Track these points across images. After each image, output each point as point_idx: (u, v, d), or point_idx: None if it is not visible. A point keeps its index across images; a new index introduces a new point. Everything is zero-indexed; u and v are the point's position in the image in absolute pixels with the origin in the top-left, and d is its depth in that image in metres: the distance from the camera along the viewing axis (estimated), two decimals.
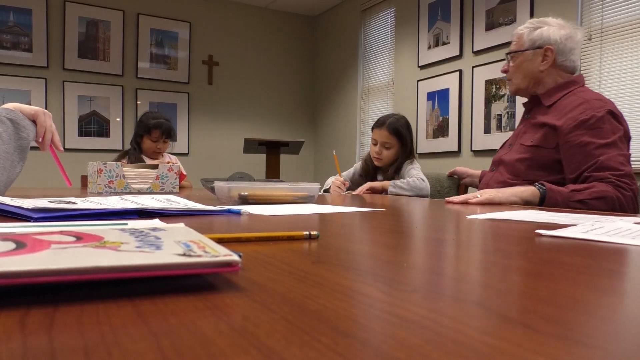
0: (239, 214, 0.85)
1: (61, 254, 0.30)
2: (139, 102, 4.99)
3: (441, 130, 4.16)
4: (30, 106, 1.19)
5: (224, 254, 0.31)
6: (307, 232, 0.54)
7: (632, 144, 2.77)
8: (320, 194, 1.77)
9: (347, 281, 0.34)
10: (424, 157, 4.26)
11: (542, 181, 1.32)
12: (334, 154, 2.19)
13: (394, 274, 0.37)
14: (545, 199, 1.27)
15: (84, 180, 2.56)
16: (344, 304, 0.28)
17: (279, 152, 3.61)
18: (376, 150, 2.17)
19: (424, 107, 4.34)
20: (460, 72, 3.97)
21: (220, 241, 0.40)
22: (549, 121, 1.44)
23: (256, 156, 4.23)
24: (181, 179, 2.30)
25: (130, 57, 4.97)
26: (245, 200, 1.14)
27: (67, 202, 0.80)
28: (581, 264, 0.43)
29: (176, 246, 0.34)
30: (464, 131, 3.96)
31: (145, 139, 2.58)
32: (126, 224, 0.55)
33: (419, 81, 4.38)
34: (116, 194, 1.53)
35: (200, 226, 0.65)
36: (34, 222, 0.63)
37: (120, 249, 0.32)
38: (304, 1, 5.53)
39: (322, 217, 0.85)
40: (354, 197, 1.66)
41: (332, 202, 1.34)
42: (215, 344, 0.21)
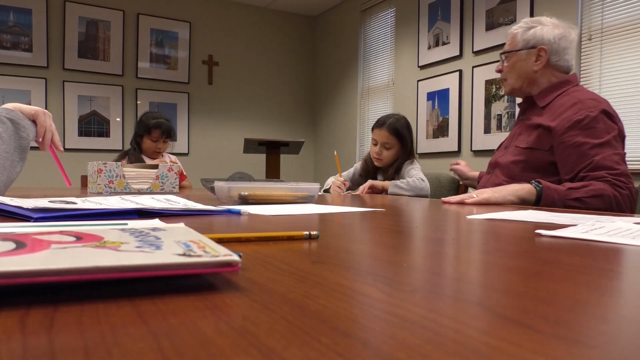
0: (239, 214, 0.85)
1: (61, 254, 0.30)
2: (139, 102, 4.99)
3: (441, 130, 4.16)
4: (30, 106, 1.19)
5: (224, 254, 0.31)
6: (307, 232, 0.54)
7: (633, 143, 2.78)
8: (320, 194, 1.77)
9: (347, 281, 0.34)
10: (424, 157, 4.26)
11: (538, 179, 1.31)
12: (335, 154, 2.19)
13: (394, 274, 0.37)
14: (541, 196, 1.27)
15: (84, 180, 2.56)
16: (344, 304, 0.28)
17: (279, 152, 3.61)
18: (376, 150, 2.17)
19: (424, 107, 4.34)
20: (460, 72, 3.97)
21: (220, 241, 0.40)
22: (543, 122, 1.43)
23: (256, 156, 4.23)
24: (181, 179, 2.30)
25: (130, 57, 4.97)
26: (245, 200, 1.14)
27: (67, 202, 0.80)
28: (581, 264, 0.43)
29: (176, 246, 0.34)
30: (464, 131, 3.96)
31: (145, 139, 2.58)
32: (126, 224, 0.55)
33: (419, 81, 4.38)
34: (116, 194, 1.53)
35: (200, 226, 0.65)
36: (34, 222, 0.63)
37: (120, 249, 0.32)
38: (304, 1, 5.53)
39: (322, 217, 0.85)
40: (354, 197, 1.66)
41: (332, 202, 1.34)
42: (215, 344, 0.21)
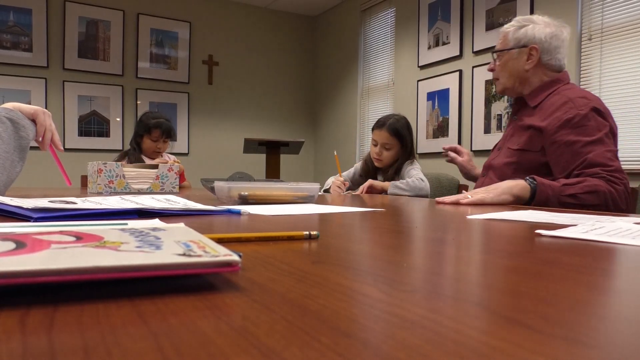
0: (239, 214, 0.85)
1: (61, 254, 0.30)
2: (139, 102, 4.99)
3: (441, 130, 4.16)
4: (29, 105, 1.19)
5: (224, 254, 0.31)
6: (307, 232, 0.54)
7: (633, 143, 2.78)
8: (320, 194, 1.77)
9: (347, 281, 0.34)
10: (424, 157, 4.26)
11: (533, 175, 1.31)
12: (335, 154, 2.19)
13: (394, 274, 0.37)
14: (536, 193, 1.26)
15: (84, 180, 2.56)
16: (344, 304, 0.28)
17: (279, 152, 3.61)
18: (376, 151, 2.17)
19: (424, 107, 4.34)
20: (460, 72, 3.96)
21: (220, 241, 0.40)
22: (534, 123, 1.43)
23: (256, 156, 4.22)
24: (181, 180, 2.30)
25: (130, 57, 4.97)
26: (245, 200, 1.14)
27: (67, 202, 0.80)
28: (581, 264, 0.43)
29: (176, 246, 0.34)
30: (464, 131, 3.96)
31: (145, 139, 2.58)
32: (126, 224, 0.55)
33: (419, 81, 4.38)
34: (116, 194, 1.53)
35: (200, 226, 0.65)
36: (34, 222, 0.63)
37: (120, 249, 0.32)
38: (304, 1, 5.53)
39: (322, 217, 0.85)
40: (353, 197, 1.66)
41: (332, 202, 1.34)
42: (215, 343, 0.21)
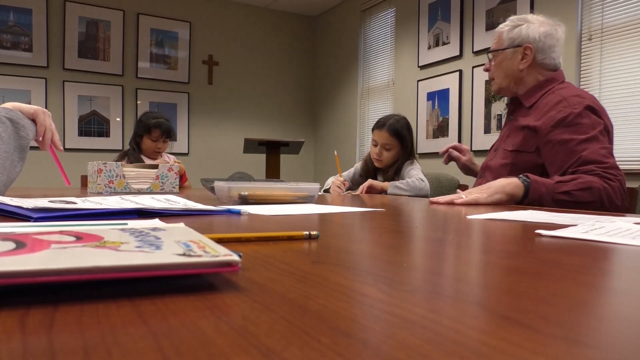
0: (239, 214, 0.85)
1: (61, 253, 0.30)
2: (139, 102, 5.00)
3: (441, 130, 4.16)
4: (29, 105, 1.19)
5: (224, 254, 0.31)
6: (307, 232, 0.54)
7: (633, 143, 2.78)
8: (320, 194, 1.77)
9: (347, 281, 0.34)
10: (424, 157, 4.26)
11: (526, 173, 1.30)
12: (335, 154, 2.19)
13: (394, 274, 0.37)
14: (529, 191, 1.25)
15: (84, 180, 2.56)
16: (344, 304, 0.28)
17: (279, 152, 3.61)
18: (376, 151, 2.17)
19: (424, 107, 4.34)
20: (460, 72, 3.97)
21: (220, 241, 0.40)
22: (529, 123, 1.43)
23: (256, 156, 4.22)
24: (183, 181, 2.29)
25: (130, 57, 4.97)
26: (245, 200, 1.14)
27: (67, 202, 0.80)
28: (581, 264, 0.43)
29: (176, 246, 0.34)
30: (464, 131, 3.96)
31: (145, 139, 2.58)
32: (126, 224, 0.55)
33: (419, 81, 4.38)
34: (116, 193, 1.53)
35: (200, 226, 0.65)
36: (33, 221, 0.63)
37: (120, 249, 0.32)
38: (304, 1, 5.53)
39: (322, 217, 0.85)
40: (353, 197, 1.66)
41: (332, 202, 1.34)
42: (215, 343, 0.21)
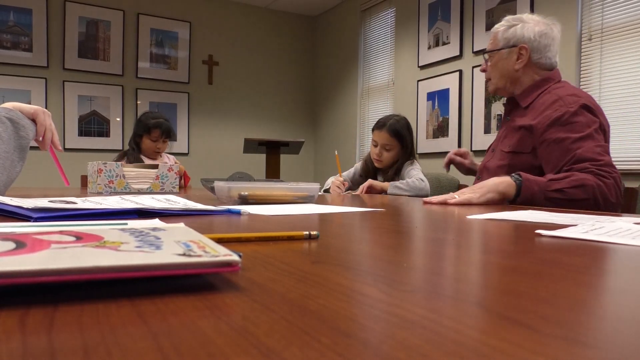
0: (239, 214, 0.85)
1: (61, 253, 0.30)
2: (139, 102, 5.00)
3: (441, 130, 4.16)
4: (29, 105, 1.19)
5: (224, 254, 0.31)
6: (307, 232, 0.54)
7: (634, 144, 2.78)
8: (320, 194, 1.77)
9: (347, 281, 0.34)
10: (424, 157, 4.26)
11: (519, 172, 1.29)
12: (336, 153, 2.19)
13: (394, 274, 0.37)
14: (521, 189, 1.25)
15: (84, 180, 2.56)
16: (344, 304, 0.28)
17: (279, 152, 3.61)
18: (376, 152, 2.16)
19: (424, 107, 4.34)
20: (460, 72, 3.97)
21: (220, 241, 0.40)
22: (525, 123, 1.42)
23: (256, 156, 4.23)
24: (186, 181, 2.28)
25: (130, 57, 4.97)
26: (245, 200, 1.14)
27: (67, 202, 0.80)
28: (581, 264, 0.43)
29: (176, 246, 0.34)
30: (464, 131, 3.96)
31: (144, 139, 2.58)
32: (126, 224, 0.55)
33: (419, 81, 4.38)
34: (116, 193, 1.53)
35: (200, 226, 0.65)
36: (33, 221, 0.63)
37: (120, 249, 0.32)
38: (304, 1, 5.53)
39: (322, 217, 0.85)
40: (353, 197, 1.66)
41: (332, 202, 1.34)
42: (215, 343, 0.21)
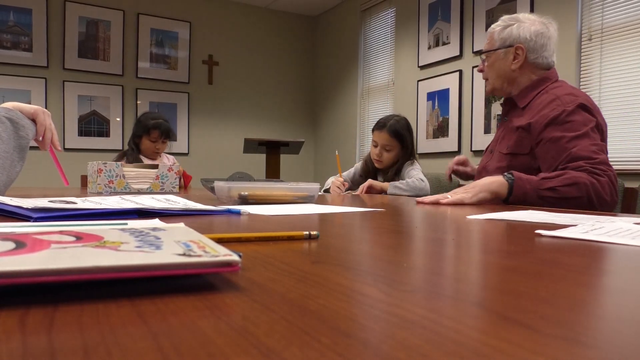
0: (239, 214, 0.85)
1: (61, 253, 0.30)
2: (139, 102, 5.00)
3: (441, 130, 4.16)
4: (29, 105, 1.19)
5: (224, 254, 0.31)
6: (307, 232, 0.54)
7: (634, 144, 2.78)
8: (320, 194, 1.77)
9: (347, 281, 0.34)
10: (424, 157, 4.26)
11: (511, 170, 1.29)
12: (336, 153, 2.19)
13: (394, 274, 0.37)
14: (513, 188, 1.24)
15: (84, 180, 2.56)
16: (344, 304, 0.28)
17: (279, 152, 3.61)
18: (377, 152, 2.16)
19: (424, 107, 4.34)
20: (460, 72, 3.97)
21: (220, 241, 0.40)
22: (522, 124, 1.42)
23: (256, 156, 4.23)
24: (187, 181, 2.28)
25: (130, 57, 4.97)
26: (245, 200, 1.14)
27: (67, 202, 0.80)
28: (581, 264, 0.43)
29: (176, 246, 0.34)
30: (464, 131, 3.96)
31: (143, 140, 2.58)
32: (126, 224, 0.55)
33: (419, 81, 4.38)
34: (116, 193, 1.53)
35: (200, 226, 0.65)
36: (33, 221, 0.63)
37: (120, 249, 0.32)
38: (304, 1, 5.53)
39: (322, 217, 0.85)
40: (353, 197, 1.66)
41: (332, 202, 1.34)
42: (215, 343, 0.21)
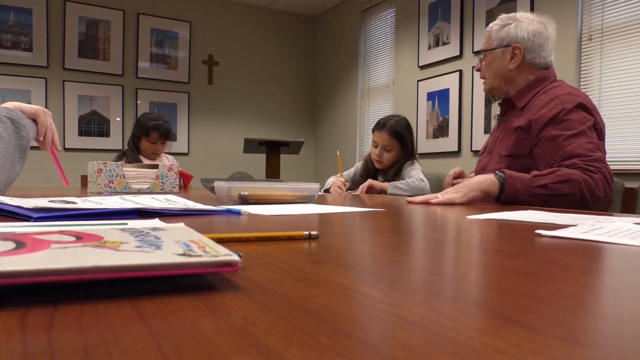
0: (239, 214, 0.85)
1: (61, 253, 0.30)
2: (139, 102, 5.00)
3: (441, 130, 4.16)
4: (30, 105, 1.19)
5: (224, 254, 0.31)
6: (307, 232, 0.54)
7: (634, 144, 2.78)
8: (320, 193, 1.77)
9: (347, 281, 0.34)
10: (424, 157, 4.26)
11: (503, 169, 1.29)
12: (337, 153, 2.19)
13: (394, 274, 0.37)
14: (504, 186, 1.24)
15: (84, 180, 2.55)
16: (344, 304, 0.28)
17: (279, 152, 3.61)
18: (377, 152, 2.16)
19: (424, 107, 4.34)
20: (460, 72, 3.97)
21: (220, 241, 0.40)
22: (522, 124, 1.42)
23: (256, 156, 4.23)
24: (188, 180, 2.28)
25: (130, 56, 4.97)
26: (245, 200, 1.14)
27: (67, 202, 0.80)
28: (581, 264, 0.43)
29: (176, 246, 0.34)
30: (464, 131, 3.96)
31: (143, 141, 2.58)
32: (126, 224, 0.55)
33: (419, 81, 4.38)
34: (116, 193, 1.53)
35: (200, 226, 0.65)
36: (33, 221, 0.63)
37: (120, 249, 0.32)
38: (304, 1, 5.53)
39: (322, 217, 0.85)
40: (354, 197, 1.66)
41: (332, 202, 1.34)
42: (215, 343, 0.21)
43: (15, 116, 1.11)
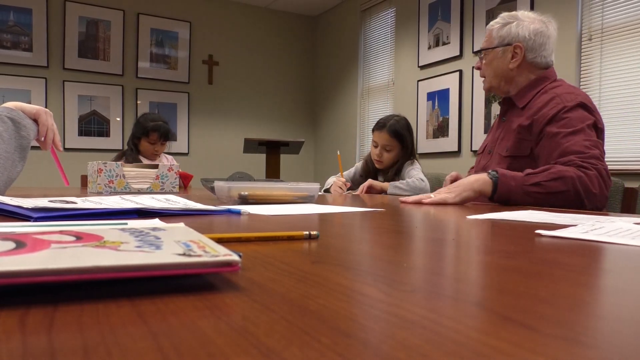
0: (239, 214, 0.85)
1: (61, 253, 0.30)
2: (139, 102, 5.00)
3: (441, 130, 4.16)
4: (31, 105, 1.19)
5: (224, 254, 0.31)
6: (307, 232, 0.54)
7: (634, 144, 2.78)
8: (320, 193, 1.77)
9: (347, 281, 0.34)
10: (424, 157, 4.26)
11: (496, 168, 1.28)
12: (338, 154, 2.19)
13: (394, 274, 0.37)
14: (497, 185, 1.23)
15: (84, 179, 2.55)
16: (344, 304, 0.28)
17: (279, 152, 3.61)
18: (377, 152, 2.16)
19: (424, 107, 4.34)
20: (460, 72, 3.97)
21: (220, 241, 0.40)
22: (522, 123, 1.42)
23: (256, 156, 4.23)
24: (187, 180, 2.28)
25: (130, 56, 4.97)
26: (245, 200, 1.14)
27: (67, 202, 0.80)
28: (581, 264, 0.43)
29: (176, 246, 0.34)
30: (464, 131, 3.96)
31: (142, 141, 2.57)
32: (126, 224, 0.55)
33: (419, 81, 4.38)
34: (116, 193, 1.53)
35: (200, 226, 0.65)
36: (33, 221, 0.63)
37: (120, 249, 0.32)
38: (304, 1, 5.53)
39: (322, 217, 0.85)
40: (354, 197, 1.66)
41: (332, 202, 1.34)
42: (215, 343, 0.21)
43: (16, 116, 1.11)
